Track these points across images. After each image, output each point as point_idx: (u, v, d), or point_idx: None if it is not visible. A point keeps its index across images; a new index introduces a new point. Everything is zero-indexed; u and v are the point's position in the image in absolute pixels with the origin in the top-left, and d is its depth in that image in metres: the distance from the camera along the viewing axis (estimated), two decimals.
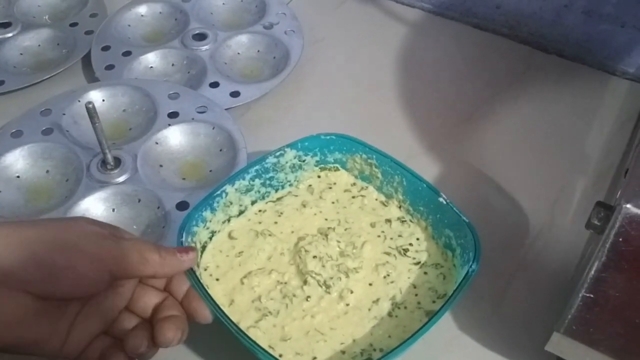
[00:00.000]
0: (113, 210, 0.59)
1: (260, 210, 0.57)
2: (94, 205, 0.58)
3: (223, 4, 0.84)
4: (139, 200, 0.59)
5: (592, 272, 0.39)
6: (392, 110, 0.73)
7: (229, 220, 0.55)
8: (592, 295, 0.40)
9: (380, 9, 0.87)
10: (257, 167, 0.56)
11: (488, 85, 0.76)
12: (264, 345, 0.46)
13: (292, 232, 0.56)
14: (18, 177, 0.62)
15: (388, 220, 0.57)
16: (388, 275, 0.53)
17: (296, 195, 0.59)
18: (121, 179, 0.60)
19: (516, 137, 0.69)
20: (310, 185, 0.60)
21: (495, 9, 0.81)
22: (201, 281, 0.47)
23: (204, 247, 0.53)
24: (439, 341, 0.48)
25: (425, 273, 0.53)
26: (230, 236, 0.55)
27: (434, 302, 0.51)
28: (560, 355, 0.46)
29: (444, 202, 0.53)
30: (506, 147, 0.68)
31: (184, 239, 0.49)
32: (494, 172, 0.65)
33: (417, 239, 0.56)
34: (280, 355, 0.47)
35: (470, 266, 0.48)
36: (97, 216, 0.58)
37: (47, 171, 0.62)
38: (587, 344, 0.43)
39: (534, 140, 0.69)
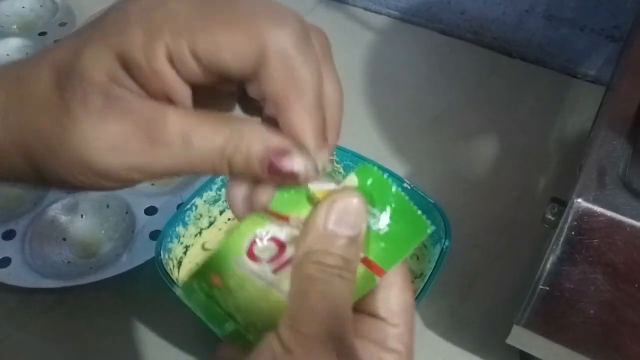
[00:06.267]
0: (82, 216, 0.59)
1: (229, 219, 0.58)
2: (63, 212, 0.59)
3: None
4: (108, 206, 0.59)
5: (548, 265, 0.40)
6: (359, 114, 0.74)
7: (200, 233, 0.56)
8: (548, 288, 0.41)
9: (348, 16, 0.88)
10: (222, 176, 0.57)
11: (453, 88, 0.77)
12: None
13: None
14: None
15: None
16: None
17: None
18: None
19: (480, 138, 0.71)
20: None
21: (459, 15, 0.83)
22: None
23: (179, 263, 0.53)
24: None
25: None
26: (204, 248, 0.55)
27: (412, 282, 0.53)
28: (521, 348, 0.47)
29: (408, 188, 0.55)
30: (470, 148, 0.70)
31: (162, 256, 0.49)
32: (459, 172, 0.67)
33: None
34: None
35: (444, 243, 0.50)
36: (66, 222, 0.59)
37: None
38: (546, 335, 0.44)
39: (497, 140, 0.71)
